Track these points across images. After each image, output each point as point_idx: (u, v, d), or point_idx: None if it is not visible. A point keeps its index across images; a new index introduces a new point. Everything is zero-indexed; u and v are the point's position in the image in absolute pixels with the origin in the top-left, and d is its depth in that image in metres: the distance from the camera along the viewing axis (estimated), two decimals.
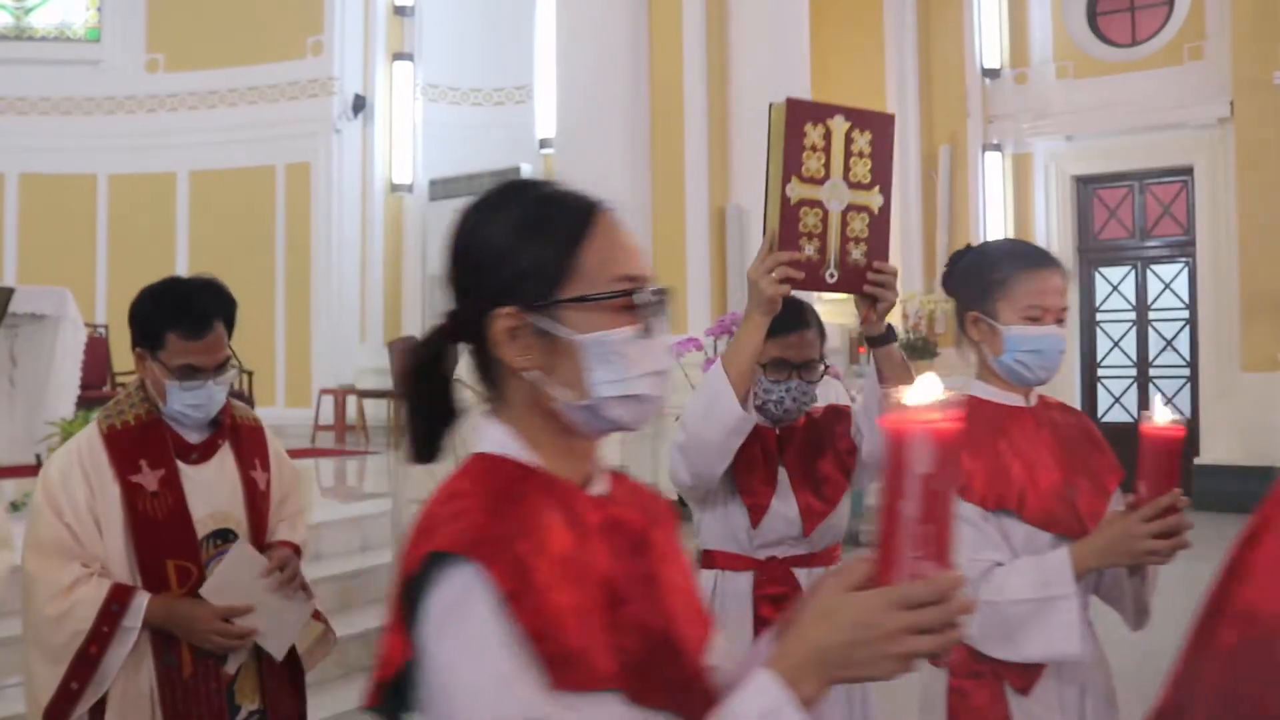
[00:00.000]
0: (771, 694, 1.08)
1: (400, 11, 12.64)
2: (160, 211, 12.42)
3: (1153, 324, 12.64)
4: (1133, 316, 12.77)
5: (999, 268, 2.39)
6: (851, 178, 2.32)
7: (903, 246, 13.09)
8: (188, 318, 2.56)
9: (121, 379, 10.29)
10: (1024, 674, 2.27)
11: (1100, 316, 12.95)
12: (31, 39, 12.97)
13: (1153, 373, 12.47)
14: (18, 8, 13.03)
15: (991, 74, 13.38)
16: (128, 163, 12.41)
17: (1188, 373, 12.20)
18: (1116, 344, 12.80)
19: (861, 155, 2.33)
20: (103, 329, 10.61)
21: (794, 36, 9.64)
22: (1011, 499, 2.30)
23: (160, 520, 2.56)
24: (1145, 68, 12.44)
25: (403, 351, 1.35)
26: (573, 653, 1.15)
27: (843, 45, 13.02)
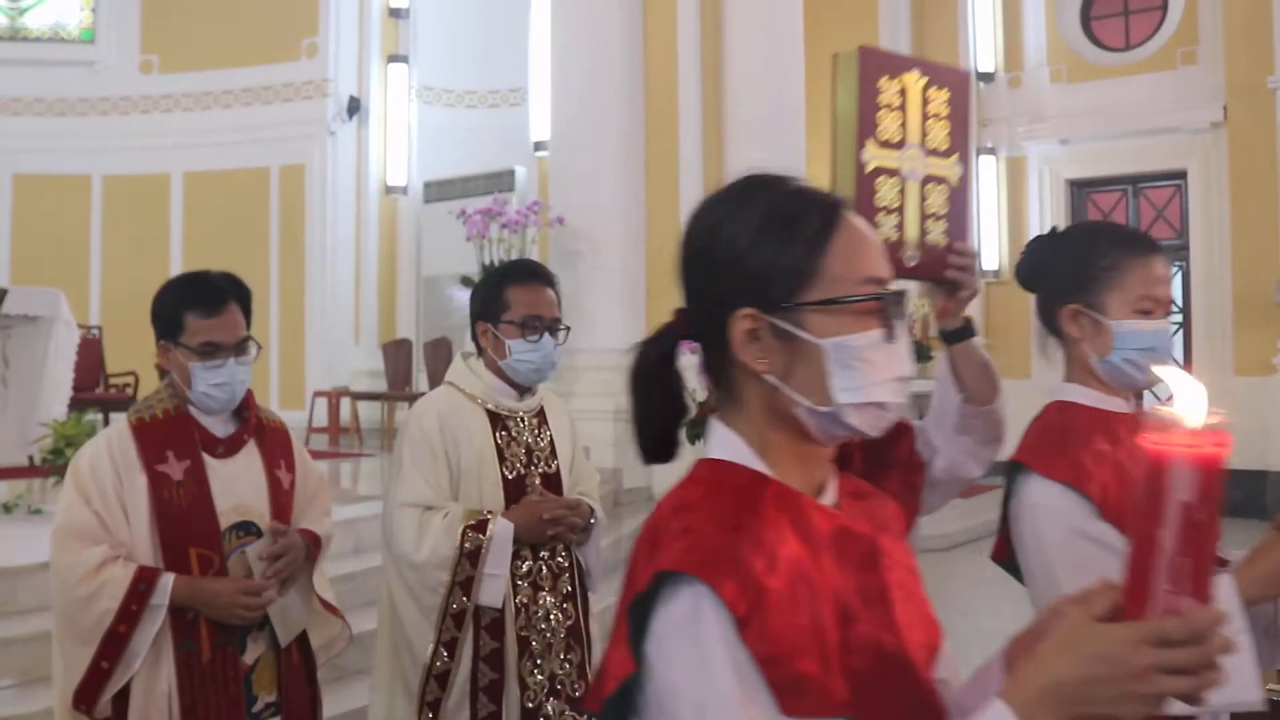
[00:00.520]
0: None
1: (395, 14, 12.64)
2: (154, 213, 12.40)
3: None
4: None
5: (1106, 253, 2.07)
6: (929, 143, 2.03)
7: None
8: (202, 297, 2.68)
9: (115, 380, 10.27)
10: None
11: None
12: (26, 40, 12.95)
13: None
14: (12, 8, 13.00)
15: (986, 78, 13.41)
16: (122, 164, 12.39)
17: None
18: None
19: (938, 117, 2.04)
20: (96, 330, 10.60)
21: (788, 39, 9.65)
22: None
23: (184, 509, 2.63)
24: (1139, 72, 12.48)
25: (635, 347, 1.34)
26: (804, 679, 1.10)
27: (837, 48, 13.01)
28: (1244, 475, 10.09)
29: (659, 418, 1.31)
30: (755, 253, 1.22)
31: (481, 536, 2.87)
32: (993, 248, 13.33)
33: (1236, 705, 1.85)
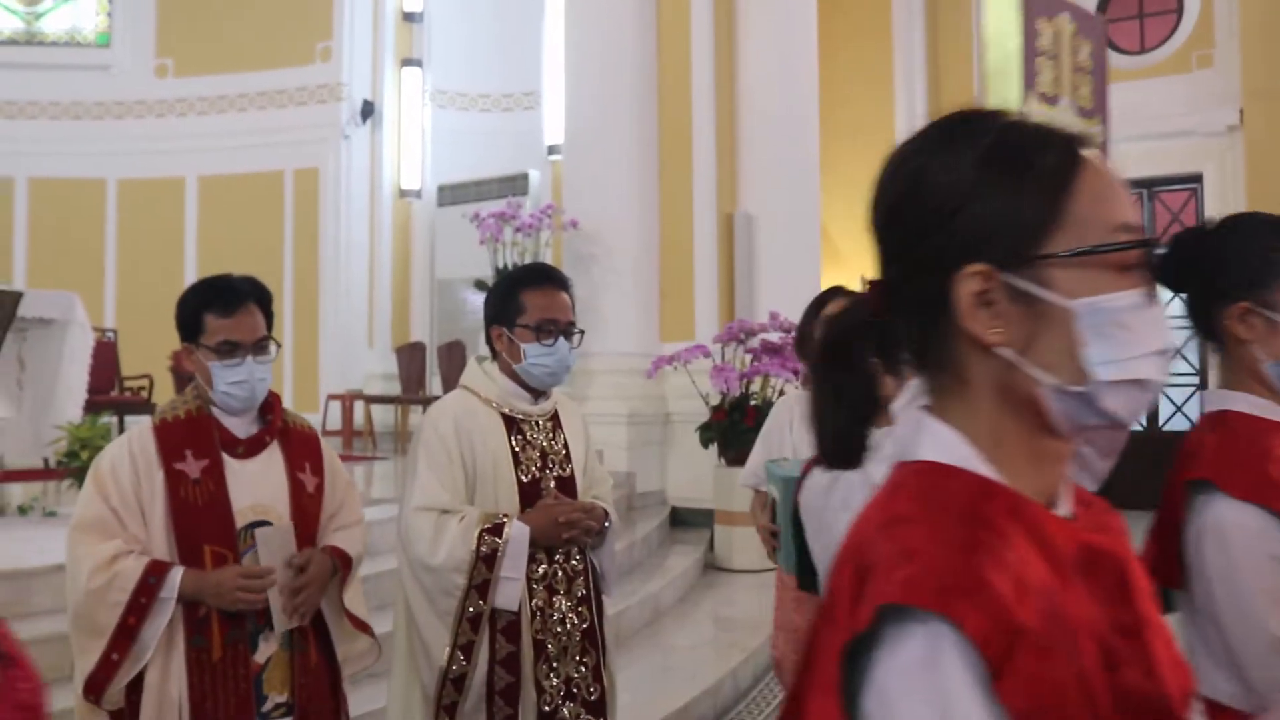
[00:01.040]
0: None
1: (409, 18, 12.66)
2: (169, 216, 12.44)
3: None
4: None
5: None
6: (1079, 99, 1.70)
7: None
8: (221, 297, 2.73)
9: (129, 383, 10.30)
10: None
11: None
12: (42, 44, 13.01)
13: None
14: (29, 13, 13.06)
15: None
16: (137, 167, 12.44)
17: (1197, 381, 12.16)
18: None
19: (1084, 71, 1.75)
20: (111, 333, 10.62)
21: (802, 42, 9.64)
22: None
23: (200, 506, 2.67)
24: (1154, 75, 12.43)
25: (822, 324, 1.14)
26: None
27: (850, 49, 13.01)
28: None
29: (848, 413, 1.11)
30: (981, 198, 1.00)
31: (497, 540, 2.86)
32: None
33: None
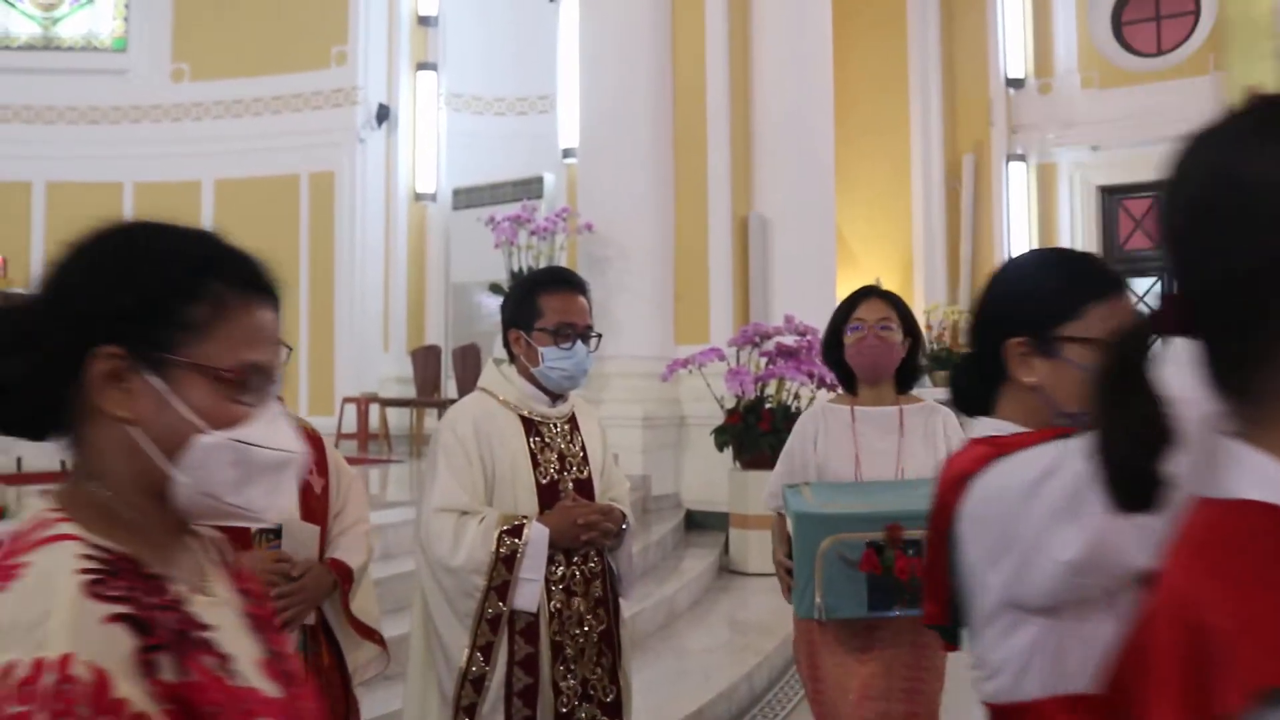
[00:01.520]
0: None
1: (424, 21, 12.69)
2: (185, 219, 12.26)
3: None
4: None
5: None
6: None
7: (925, 257, 13.05)
8: None
9: None
10: None
11: None
12: (59, 49, 13.07)
13: None
14: (46, 18, 13.13)
15: (1016, 84, 13.34)
16: (153, 171, 12.48)
17: None
18: None
19: None
20: None
21: (817, 46, 9.63)
22: None
23: None
24: (1171, 77, 12.40)
25: (1103, 349, 0.97)
26: None
27: (866, 54, 12.99)
28: None
29: (1141, 446, 0.92)
30: None
31: (517, 541, 2.86)
32: None
33: None
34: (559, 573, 2.97)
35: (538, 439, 3.04)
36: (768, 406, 7.78)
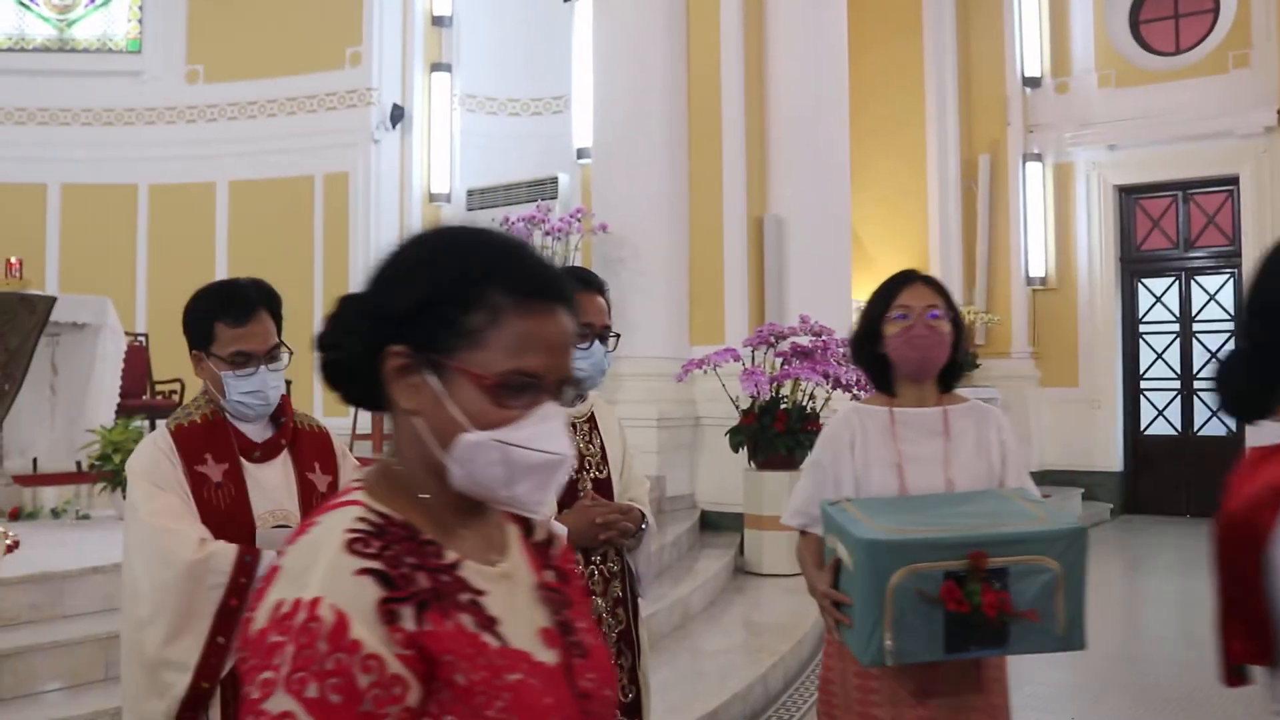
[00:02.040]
0: None
1: (438, 22, 12.68)
2: (200, 221, 12.50)
3: (1197, 335, 12.48)
4: (1176, 328, 12.61)
5: None
6: None
7: (941, 257, 13.00)
8: (231, 306, 2.69)
9: (161, 387, 10.34)
10: None
11: (1143, 328, 12.80)
12: (74, 51, 13.10)
13: (1197, 385, 12.30)
14: (60, 20, 13.16)
15: (1032, 83, 13.28)
16: (168, 173, 12.50)
17: None
18: (1160, 355, 12.65)
19: None
20: (143, 338, 10.67)
21: (832, 45, 9.59)
22: None
23: (222, 511, 2.64)
24: (1189, 76, 12.32)
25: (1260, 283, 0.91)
26: None
27: (882, 54, 12.95)
28: None
29: (1260, 374, 1.05)
30: None
31: None
32: (1039, 255, 13.18)
33: None
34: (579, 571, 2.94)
35: None
36: (783, 407, 7.75)
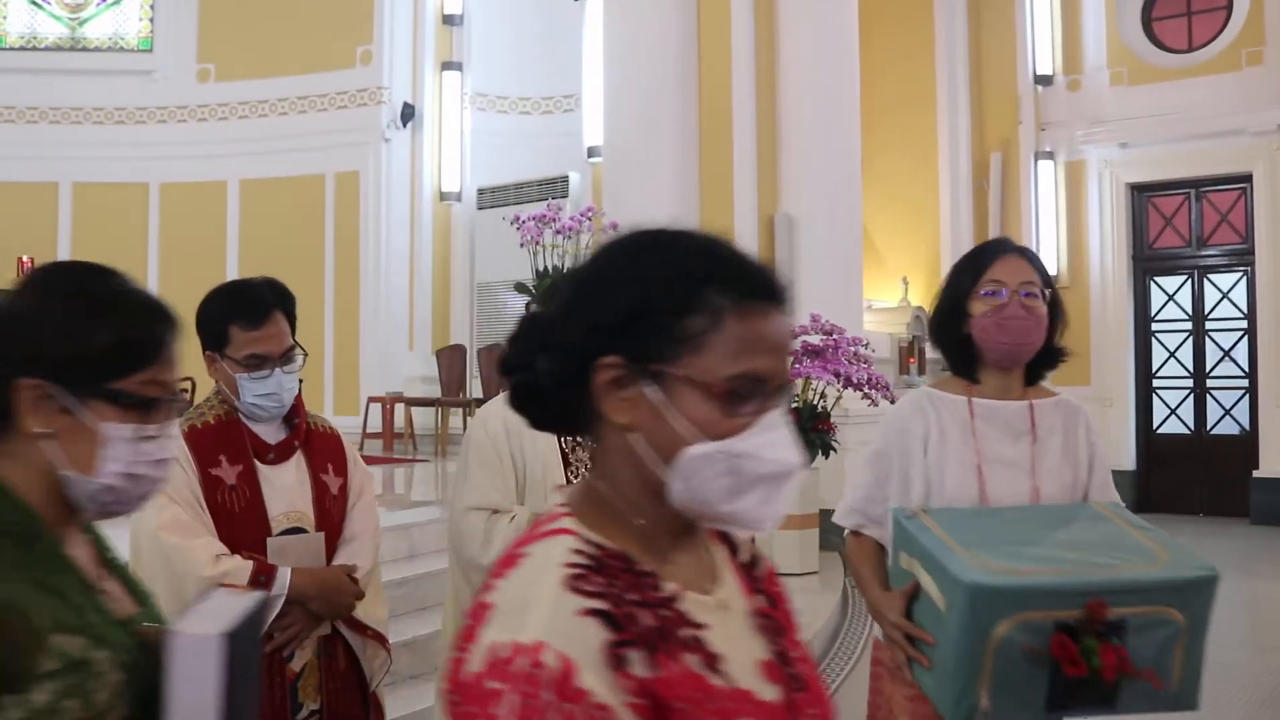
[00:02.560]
0: None
1: (449, 21, 12.67)
2: (211, 220, 12.51)
3: (1210, 334, 12.42)
4: (1189, 326, 12.55)
5: None
6: None
7: (953, 256, 12.94)
8: (246, 308, 2.67)
9: None
10: None
11: (1156, 326, 12.75)
12: (85, 50, 13.12)
13: (1210, 384, 12.25)
14: (72, 19, 13.18)
15: (1044, 81, 13.22)
16: (179, 172, 12.52)
17: (1246, 384, 11.97)
18: (1173, 354, 12.59)
19: None
20: None
21: (844, 44, 9.57)
22: None
23: (237, 513, 2.64)
24: (1202, 73, 12.25)
25: None
26: None
27: (893, 52, 12.90)
28: None
29: None
30: None
31: None
32: (1051, 253, 13.13)
33: None
34: None
35: (569, 438, 3.00)
36: (794, 406, 7.73)
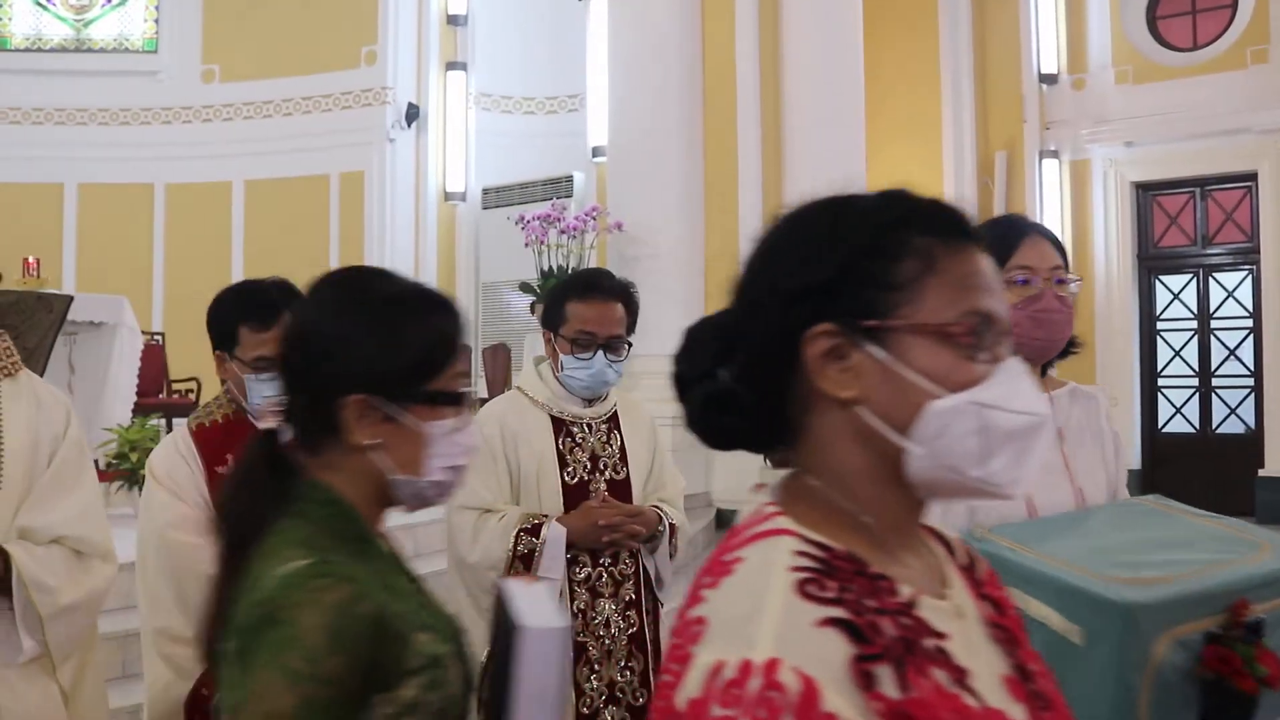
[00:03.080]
0: None
1: (453, 21, 12.68)
2: (216, 220, 12.52)
3: (1215, 333, 12.39)
4: (1194, 325, 12.53)
5: None
6: None
7: None
8: (257, 310, 2.68)
9: (177, 386, 10.37)
10: None
11: (1160, 325, 12.73)
12: (90, 51, 13.14)
13: (1215, 382, 12.23)
14: (77, 20, 13.20)
15: (1049, 79, 13.20)
16: (184, 172, 12.53)
17: (1251, 383, 11.95)
18: (1178, 353, 12.57)
19: None
20: (159, 336, 10.70)
21: (848, 44, 9.56)
22: None
23: None
24: (1207, 72, 12.22)
25: None
26: None
27: (897, 51, 12.89)
28: None
29: None
30: None
31: (535, 540, 2.85)
32: None
33: None
34: (584, 574, 2.95)
35: (568, 439, 3.02)
36: None
